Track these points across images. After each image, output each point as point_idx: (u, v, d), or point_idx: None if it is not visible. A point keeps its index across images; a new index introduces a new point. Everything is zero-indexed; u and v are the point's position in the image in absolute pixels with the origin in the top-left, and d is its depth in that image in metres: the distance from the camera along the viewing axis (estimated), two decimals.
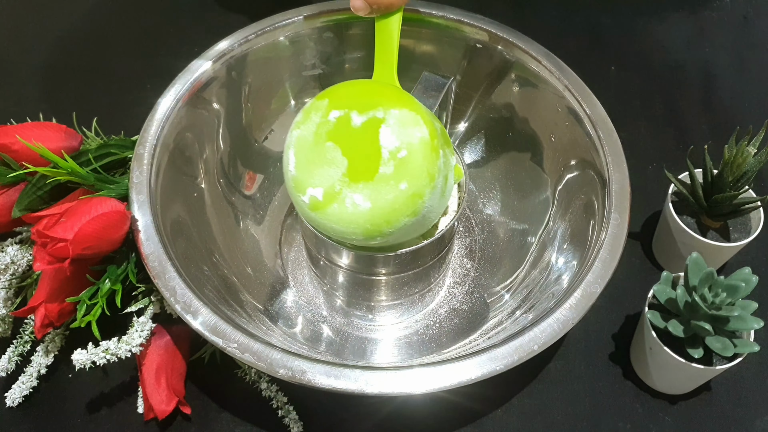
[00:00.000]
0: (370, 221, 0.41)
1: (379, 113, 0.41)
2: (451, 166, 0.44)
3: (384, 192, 0.40)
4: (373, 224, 0.41)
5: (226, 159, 0.59)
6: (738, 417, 0.51)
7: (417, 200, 0.41)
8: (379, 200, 0.40)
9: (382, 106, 0.41)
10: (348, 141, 0.41)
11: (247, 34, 0.58)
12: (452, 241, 0.52)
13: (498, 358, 0.42)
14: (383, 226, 0.41)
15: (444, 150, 0.43)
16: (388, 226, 0.41)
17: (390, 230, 0.41)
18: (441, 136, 0.43)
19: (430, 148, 0.41)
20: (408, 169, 0.40)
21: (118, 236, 0.47)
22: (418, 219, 0.42)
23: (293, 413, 0.50)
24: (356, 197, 0.41)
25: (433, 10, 0.59)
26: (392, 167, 0.40)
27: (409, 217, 0.41)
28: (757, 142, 0.51)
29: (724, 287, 0.46)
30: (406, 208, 0.41)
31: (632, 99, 0.72)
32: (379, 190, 0.40)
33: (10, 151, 0.51)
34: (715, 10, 0.81)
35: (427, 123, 0.42)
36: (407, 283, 0.51)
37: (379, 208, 0.40)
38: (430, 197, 0.41)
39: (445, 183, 0.43)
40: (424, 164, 0.40)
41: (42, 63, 0.76)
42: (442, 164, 0.42)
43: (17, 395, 0.50)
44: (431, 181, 0.41)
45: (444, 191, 0.43)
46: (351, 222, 0.41)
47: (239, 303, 0.51)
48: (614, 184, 0.49)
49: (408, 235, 0.44)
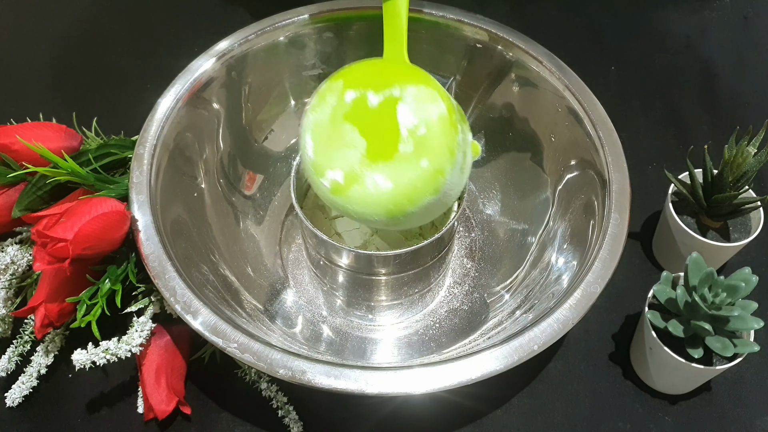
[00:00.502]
0: (392, 201, 0.40)
1: (395, 91, 0.40)
2: (469, 142, 0.43)
3: (405, 170, 0.39)
4: (395, 204, 0.40)
5: (226, 159, 0.59)
6: (738, 417, 0.51)
7: (439, 177, 0.40)
8: (401, 179, 0.40)
9: (398, 84, 0.40)
10: (365, 121, 0.40)
11: (247, 34, 0.58)
12: (452, 241, 0.52)
13: (498, 358, 0.42)
14: (406, 206, 0.40)
15: (462, 125, 0.42)
16: (411, 205, 0.40)
17: (413, 209, 0.41)
18: (458, 112, 0.42)
19: (449, 124, 0.40)
20: (428, 146, 0.40)
21: (118, 236, 0.47)
22: (440, 197, 0.41)
23: (293, 413, 0.50)
24: (377, 177, 0.40)
25: (433, 10, 0.59)
26: (412, 145, 0.39)
27: (432, 195, 0.40)
28: (757, 142, 0.51)
29: (724, 287, 0.46)
30: (429, 185, 0.40)
31: (632, 99, 0.72)
32: (400, 169, 0.40)
33: (10, 151, 0.51)
34: (715, 10, 0.81)
35: (444, 98, 0.41)
36: (407, 283, 0.51)
37: (402, 187, 0.40)
38: (451, 174, 0.41)
39: (464, 159, 0.42)
40: (444, 140, 0.40)
41: (42, 63, 0.76)
42: (461, 139, 0.41)
43: (17, 395, 0.50)
44: (452, 157, 0.40)
45: (463, 167, 0.42)
46: (373, 203, 0.40)
47: (239, 303, 0.51)
48: (614, 184, 0.49)
49: (430, 215, 0.43)
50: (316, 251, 0.50)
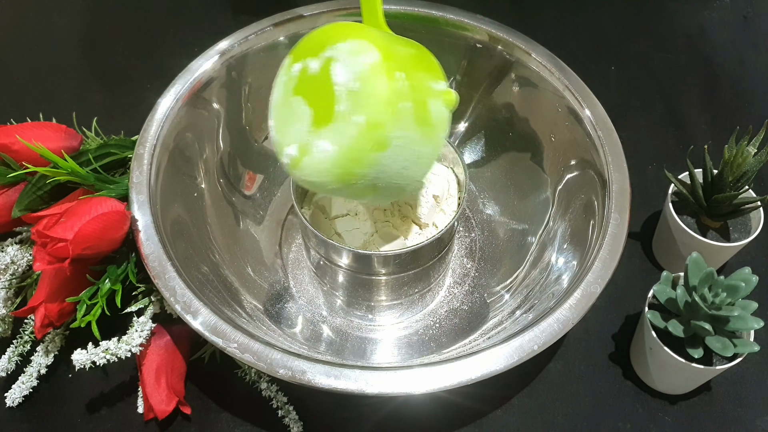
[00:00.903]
0: (337, 164, 0.38)
1: (330, 52, 0.39)
2: (431, 90, 0.40)
3: (344, 130, 0.38)
4: (341, 167, 0.38)
5: (226, 159, 0.59)
6: (738, 417, 0.51)
7: (378, 130, 0.37)
8: (341, 140, 0.38)
9: (330, 44, 0.39)
10: (309, 90, 0.39)
11: (247, 34, 0.58)
12: (452, 241, 0.52)
13: (498, 358, 0.42)
14: (353, 167, 0.38)
15: (408, 72, 0.39)
16: (358, 165, 0.38)
17: (363, 170, 0.38)
18: (406, 59, 0.39)
19: (383, 72, 0.37)
20: (361, 100, 0.37)
21: (118, 236, 0.47)
22: (393, 152, 0.38)
23: (293, 413, 0.50)
24: (321, 144, 0.38)
25: (433, 10, 0.59)
26: (347, 103, 0.38)
27: (377, 151, 0.38)
28: (757, 142, 0.51)
29: (724, 287, 0.46)
30: (368, 141, 0.37)
31: (632, 99, 0.72)
32: (340, 130, 0.38)
33: (10, 151, 0.51)
34: (715, 10, 0.81)
35: (380, 47, 0.38)
36: (407, 283, 0.51)
37: (343, 147, 0.38)
38: (395, 125, 0.38)
39: (419, 108, 0.39)
40: (376, 90, 0.37)
41: (42, 63, 0.76)
42: (403, 87, 0.38)
43: (17, 395, 0.50)
44: (390, 107, 0.37)
45: (422, 118, 0.39)
46: (322, 171, 0.39)
47: (239, 303, 0.51)
48: (614, 184, 0.49)
49: (399, 176, 0.40)
50: (316, 251, 0.50)
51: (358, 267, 0.48)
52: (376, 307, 0.54)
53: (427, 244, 0.46)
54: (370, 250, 0.48)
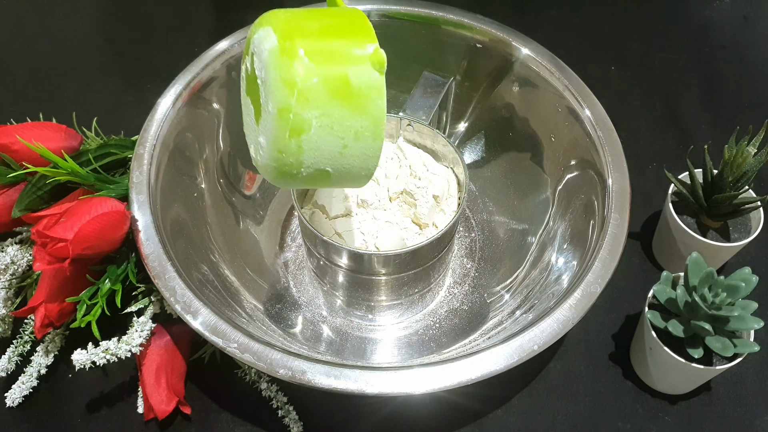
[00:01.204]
0: (271, 158, 0.38)
1: (252, 47, 0.38)
2: (351, 57, 0.37)
3: (267, 123, 0.37)
4: (274, 159, 0.38)
5: (226, 159, 0.59)
6: (738, 417, 0.51)
7: (286, 115, 0.36)
8: (267, 132, 0.37)
9: (251, 38, 0.38)
10: (250, 88, 0.40)
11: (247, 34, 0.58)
12: (452, 241, 0.52)
13: (498, 358, 0.42)
14: (283, 157, 0.37)
15: (316, 47, 0.37)
16: (286, 154, 0.37)
17: (294, 158, 0.37)
18: (315, 33, 0.38)
19: (278, 54, 0.36)
20: (267, 87, 0.37)
21: (118, 236, 0.47)
22: (317, 133, 0.37)
23: (293, 413, 0.50)
24: (260, 140, 0.38)
25: (433, 10, 0.59)
26: (263, 94, 0.37)
27: (297, 136, 0.36)
28: (757, 142, 0.51)
29: (724, 287, 0.46)
30: (283, 128, 0.36)
31: (632, 99, 0.72)
32: (265, 123, 0.37)
33: (10, 151, 0.51)
34: (715, 10, 0.81)
35: (277, 30, 0.37)
36: (407, 283, 0.51)
37: (269, 141, 0.37)
38: (305, 105, 0.36)
39: (333, 81, 0.37)
40: (275, 74, 0.36)
41: (42, 63, 0.76)
42: (308, 63, 0.36)
43: (17, 395, 0.50)
44: (291, 88, 0.36)
45: (341, 90, 0.37)
46: (266, 167, 0.39)
47: (239, 303, 0.51)
48: (614, 184, 0.49)
49: (344, 156, 0.38)
50: (316, 251, 0.50)
51: (358, 267, 0.48)
52: (376, 307, 0.54)
53: (427, 244, 0.46)
54: (370, 250, 0.48)
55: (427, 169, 0.50)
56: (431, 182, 0.49)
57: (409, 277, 0.50)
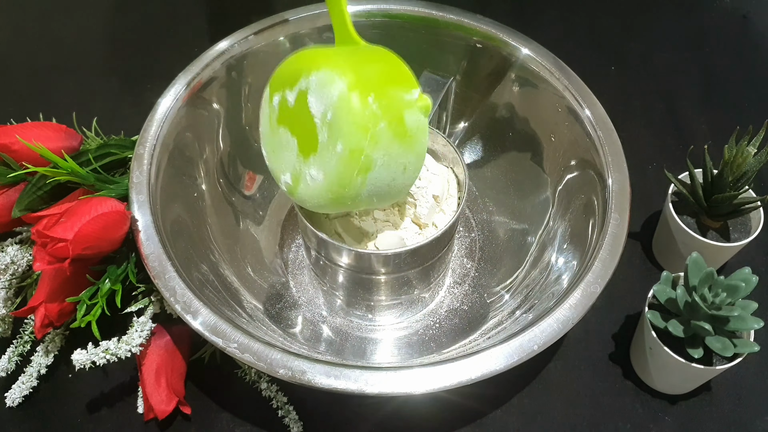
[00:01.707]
0: (328, 190, 0.41)
1: (302, 84, 0.41)
2: (405, 102, 0.41)
3: (328, 159, 0.40)
4: (332, 192, 0.41)
5: (226, 159, 0.59)
6: (738, 417, 0.51)
7: (358, 156, 0.40)
8: (327, 168, 0.40)
9: (303, 76, 0.41)
10: (291, 121, 0.42)
11: (247, 34, 0.58)
12: (452, 241, 0.52)
13: (498, 358, 0.42)
14: (343, 191, 0.41)
15: (379, 91, 0.40)
16: (347, 188, 0.41)
17: (353, 192, 0.41)
18: (375, 77, 0.41)
19: (351, 101, 0.39)
20: (336, 129, 0.39)
21: (118, 236, 0.47)
22: (378, 171, 0.41)
23: (293, 413, 0.50)
24: (312, 172, 0.41)
25: (433, 10, 0.59)
26: (326, 133, 0.40)
27: (363, 174, 0.40)
28: (757, 142, 0.51)
29: (724, 287, 0.46)
30: (351, 166, 0.40)
31: (632, 99, 0.72)
32: (324, 159, 0.40)
33: (10, 151, 0.51)
34: (715, 10, 0.81)
35: (345, 75, 0.40)
36: (407, 283, 0.51)
37: (330, 175, 0.40)
38: (375, 147, 0.40)
39: (394, 124, 0.40)
40: (349, 119, 0.39)
41: (42, 63, 0.76)
42: (375, 109, 0.40)
43: (17, 395, 0.50)
44: (365, 132, 0.39)
45: (400, 132, 0.41)
46: (316, 196, 0.42)
47: (239, 303, 0.51)
48: (614, 184, 0.49)
49: (389, 187, 0.43)
50: (316, 251, 0.50)
51: (357, 267, 0.48)
52: (376, 306, 0.54)
53: (426, 243, 0.46)
54: (370, 249, 0.48)
55: (427, 169, 0.50)
56: (431, 182, 0.49)
57: (409, 276, 0.50)
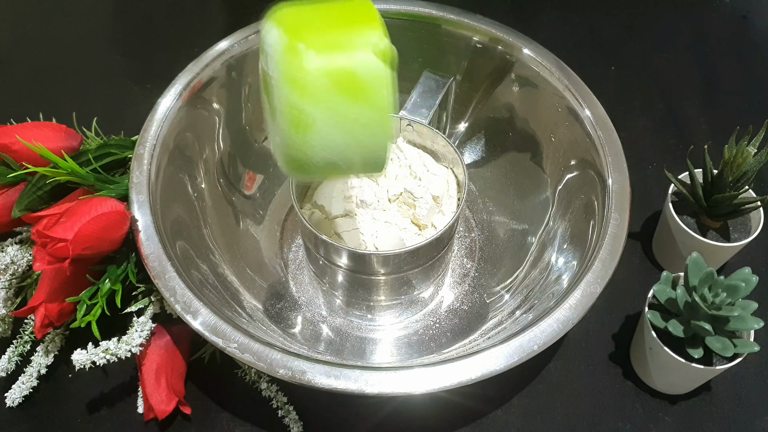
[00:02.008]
0: (285, 154, 0.38)
1: (264, 45, 0.38)
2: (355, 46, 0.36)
3: (278, 120, 0.37)
4: (287, 155, 0.38)
5: (226, 159, 0.59)
6: (738, 417, 0.51)
7: (293, 111, 0.36)
8: (279, 130, 0.37)
9: (262, 36, 0.38)
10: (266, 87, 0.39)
11: (247, 34, 0.58)
12: (452, 241, 0.52)
13: (498, 358, 0.42)
14: (294, 153, 0.37)
15: (312, 40, 0.36)
16: (296, 150, 0.37)
17: (303, 153, 0.37)
18: (310, 26, 0.37)
19: (283, 52, 0.35)
20: (276, 85, 0.36)
21: (118, 236, 0.47)
22: (322, 129, 0.36)
23: (293, 413, 0.50)
24: (275, 138, 0.39)
25: (433, 10, 0.59)
26: (274, 91, 0.37)
27: (303, 132, 0.36)
28: (757, 142, 0.51)
29: (724, 287, 0.46)
30: (291, 124, 0.36)
31: (632, 99, 0.72)
32: (276, 120, 0.37)
33: (10, 151, 0.51)
34: (715, 10, 0.81)
35: (280, 24, 0.36)
36: (407, 283, 0.51)
37: (281, 137, 0.37)
38: (309, 101, 0.36)
39: (339, 75, 0.35)
40: (280, 70, 0.36)
41: (42, 63, 0.76)
42: (311, 57, 0.35)
43: (17, 395, 0.50)
44: (295, 84, 0.35)
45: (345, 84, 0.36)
46: (282, 162, 0.39)
47: (239, 303, 0.51)
48: (614, 184, 0.49)
49: (352, 149, 0.38)
50: (316, 251, 0.50)
51: (357, 267, 0.48)
52: (376, 307, 0.54)
53: (425, 244, 0.46)
54: (370, 250, 0.48)
55: (427, 169, 0.50)
56: (431, 183, 0.49)
57: (409, 277, 0.50)
